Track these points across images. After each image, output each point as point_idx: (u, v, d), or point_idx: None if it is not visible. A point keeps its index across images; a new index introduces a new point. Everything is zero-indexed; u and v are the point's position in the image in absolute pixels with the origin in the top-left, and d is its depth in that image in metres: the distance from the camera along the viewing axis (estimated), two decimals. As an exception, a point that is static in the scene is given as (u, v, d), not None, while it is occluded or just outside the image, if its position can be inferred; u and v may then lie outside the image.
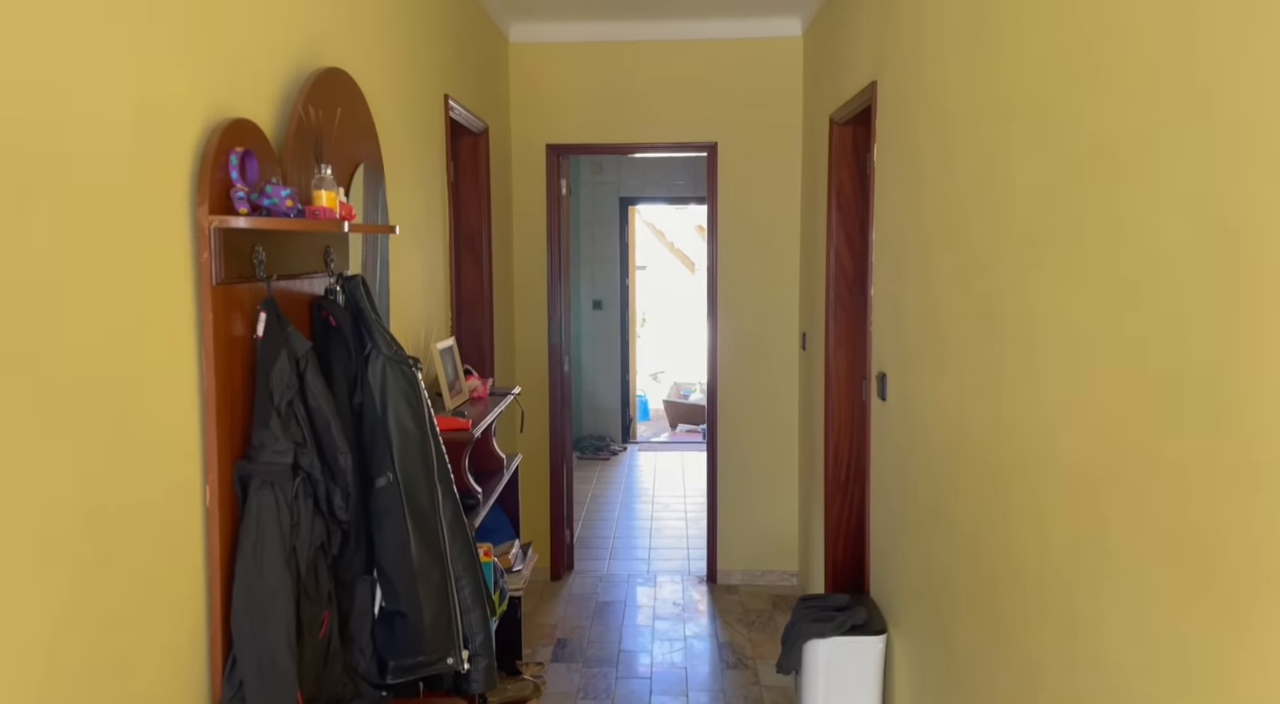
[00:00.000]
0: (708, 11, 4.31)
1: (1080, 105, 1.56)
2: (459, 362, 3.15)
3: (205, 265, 1.59)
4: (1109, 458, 1.45)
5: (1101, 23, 1.48)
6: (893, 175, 2.89)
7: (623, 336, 8.17)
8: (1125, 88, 1.40)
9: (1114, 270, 1.43)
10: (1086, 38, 1.54)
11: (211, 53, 1.66)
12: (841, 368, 3.79)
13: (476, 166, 4.03)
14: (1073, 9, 1.59)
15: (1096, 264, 1.49)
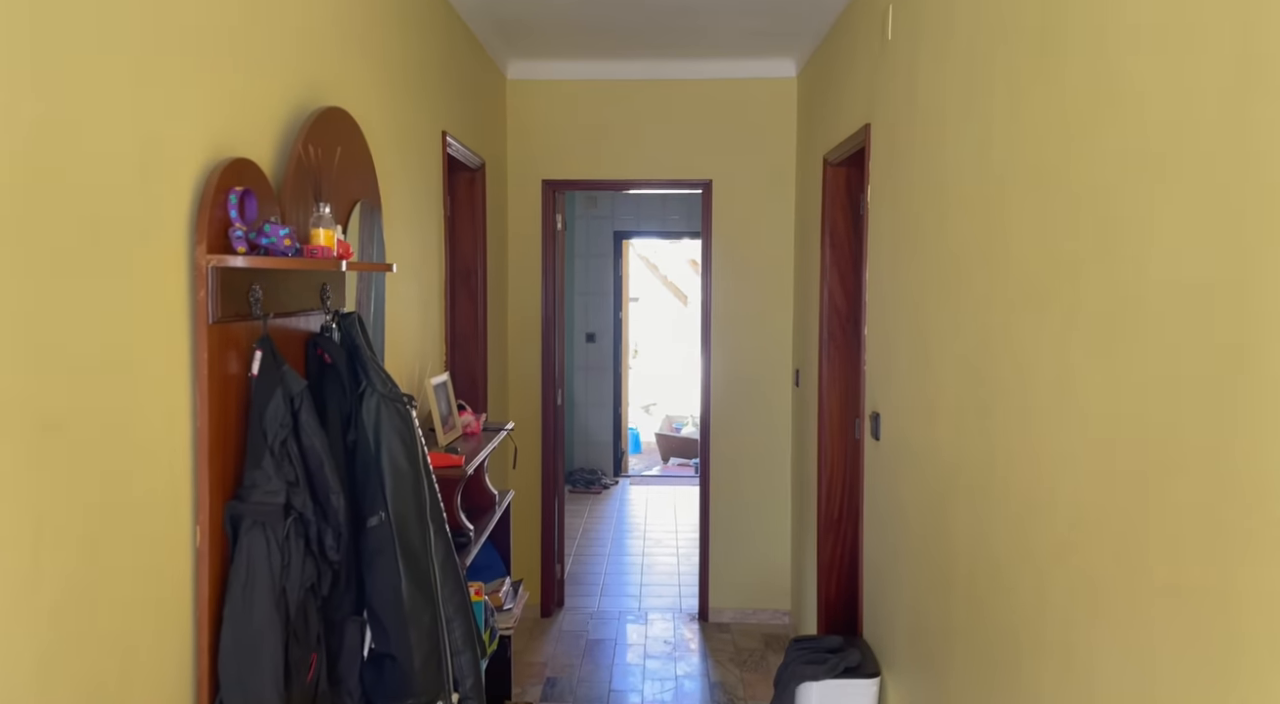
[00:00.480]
0: (703, 52, 4.36)
1: (1076, 155, 1.57)
2: (453, 397, 3.14)
3: (202, 304, 1.58)
4: (1106, 503, 1.45)
5: (1096, 77, 1.51)
6: (886, 217, 2.91)
7: (615, 369, 8.17)
8: (1122, 137, 1.42)
9: (1110, 318, 1.44)
10: (1082, 90, 1.56)
11: (214, 94, 1.67)
12: (835, 406, 3.80)
13: (473, 202, 4.04)
14: (1068, 62, 1.62)
15: (1093, 311, 1.49)
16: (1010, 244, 1.86)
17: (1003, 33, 1.92)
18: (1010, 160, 1.87)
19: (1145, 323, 1.33)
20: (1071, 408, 1.57)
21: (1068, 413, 1.58)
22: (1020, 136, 1.82)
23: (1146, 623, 1.32)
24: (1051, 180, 1.67)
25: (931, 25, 2.44)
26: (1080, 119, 1.55)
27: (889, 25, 2.87)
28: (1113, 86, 1.44)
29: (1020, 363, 1.80)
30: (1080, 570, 1.53)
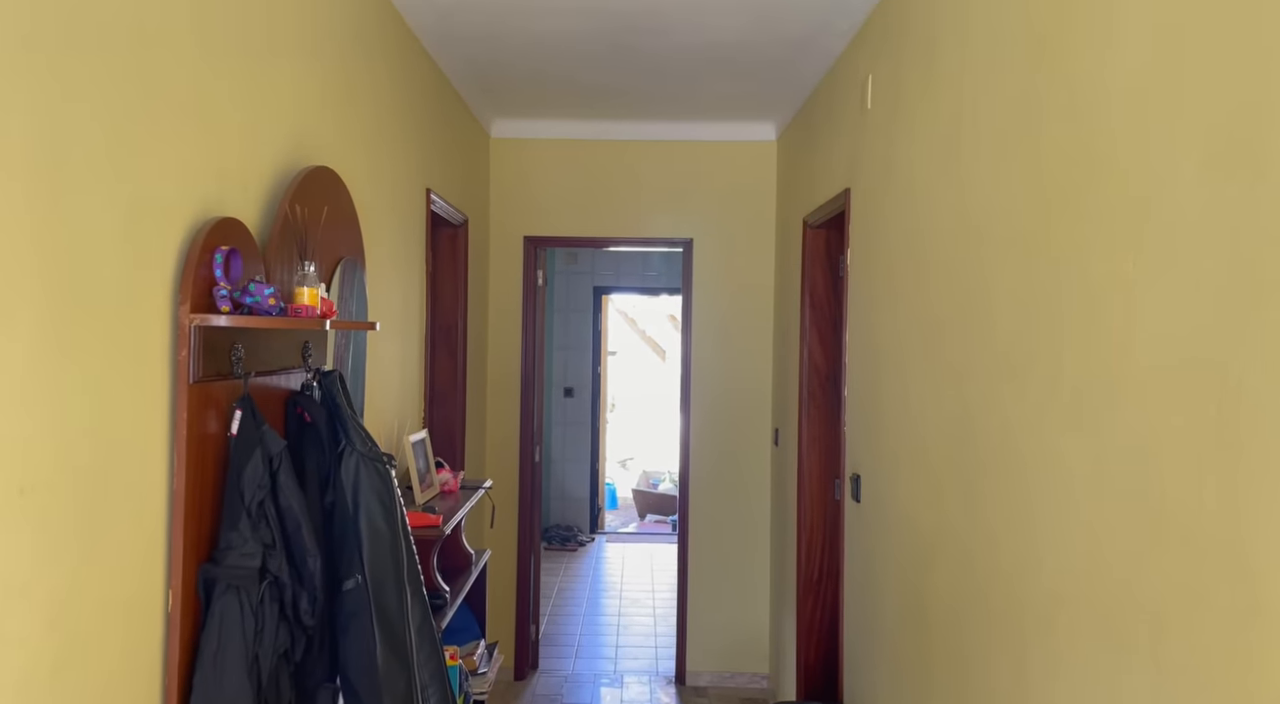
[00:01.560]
0: (684, 115, 4.45)
1: (1055, 226, 1.61)
2: (431, 454, 3.11)
3: (183, 363, 1.57)
4: (1090, 580, 1.45)
5: (1073, 149, 1.55)
6: (866, 281, 2.95)
7: (593, 424, 8.14)
8: (1100, 207, 1.45)
9: (1091, 393, 1.46)
10: (1059, 162, 1.60)
11: (203, 155, 1.67)
12: (815, 466, 3.79)
13: (455, 258, 4.06)
14: (1046, 132, 1.66)
15: (1074, 385, 1.51)
16: (989, 312, 1.89)
17: (981, 105, 1.98)
18: (988, 229, 1.91)
19: (1127, 396, 1.35)
20: (1055, 480, 1.58)
21: (1051, 485, 1.59)
22: (999, 205, 1.86)
23: (1132, 697, 1.32)
24: (1030, 249, 1.70)
25: (911, 94, 2.51)
26: (1059, 190, 1.59)
27: (868, 94, 2.94)
28: (1090, 158, 1.48)
29: (1003, 432, 1.81)
30: (1064, 643, 1.52)
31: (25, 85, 1.19)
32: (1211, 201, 1.16)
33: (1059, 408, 1.56)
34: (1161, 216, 1.27)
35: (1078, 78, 1.53)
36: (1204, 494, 1.16)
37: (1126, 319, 1.36)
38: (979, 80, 1.99)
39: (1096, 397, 1.44)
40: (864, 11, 2.95)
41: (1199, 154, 1.19)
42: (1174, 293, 1.24)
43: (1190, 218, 1.20)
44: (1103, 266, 1.43)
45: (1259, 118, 1.07)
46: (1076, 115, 1.53)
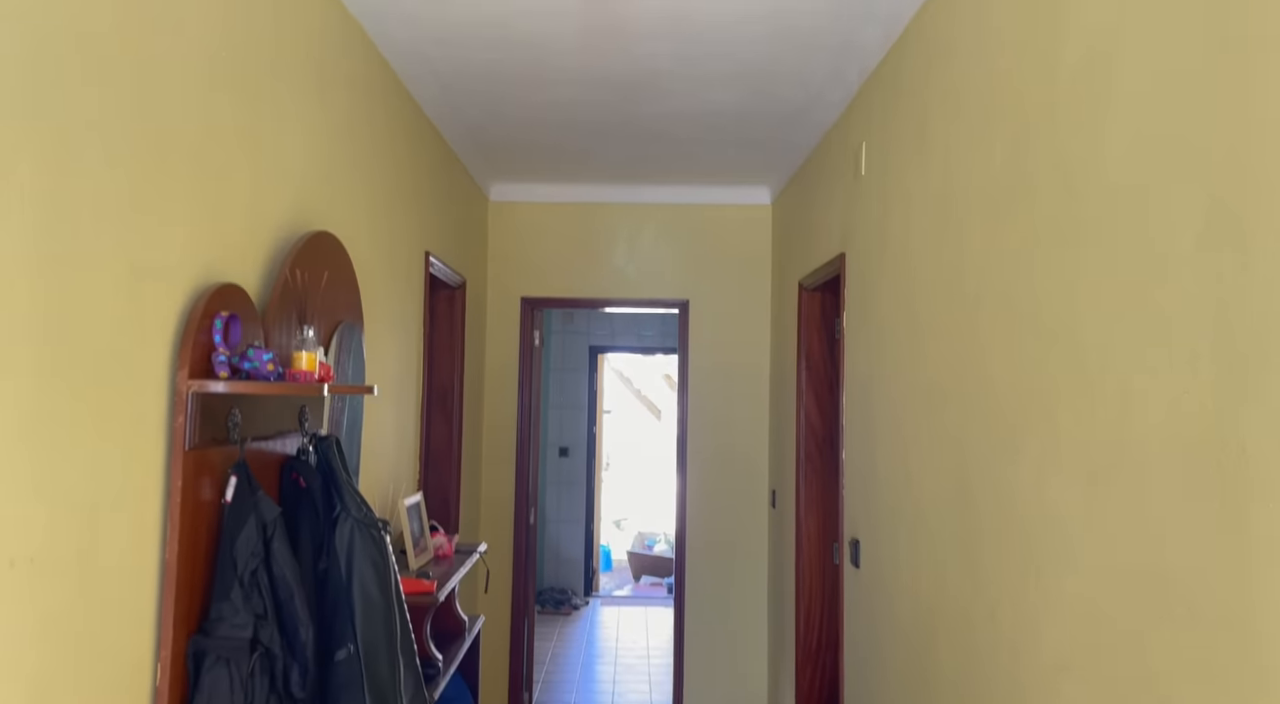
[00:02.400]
0: (679, 179, 4.51)
1: (1046, 294, 1.62)
2: (425, 517, 3.08)
3: (180, 430, 1.56)
4: (1095, 650, 1.42)
5: (1063, 221, 1.57)
6: (862, 344, 2.96)
7: (588, 484, 8.08)
8: (1093, 279, 1.47)
9: (1090, 461, 1.45)
10: (1050, 233, 1.62)
11: (205, 222, 1.69)
12: (813, 529, 3.76)
13: (452, 319, 4.07)
14: (1037, 204, 1.68)
15: (1074, 453, 1.51)
16: (985, 378, 1.90)
17: (973, 176, 2.01)
18: (982, 296, 1.93)
19: (1126, 465, 1.35)
20: (1056, 549, 1.56)
21: (1053, 554, 1.58)
22: (992, 274, 1.88)
23: (1144, 776, 1.29)
24: (1024, 317, 1.72)
25: (903, 163, 2.55)
26: (1051, 261, 1.61)
27: (862, 161, 2.99)
28: (1082, 231, 1.50)
29: (1002, 499, 1.80)
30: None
31: (31, 151, 1.21)
32: (1206, 274, 1.17)
33: (1059, 475, 1.56)
34: (1156, 289, 1.28)
35: (1068, 152, 1.56)
36: (1211, 566, 1.15)
37: (1123, 386, 1.36)
38: (969, 153, 2.03)
39: (1096, 465, 1.43)
40: (857, 83, 3.02)
41: (1194, 229, 1.21)
42: (1171, 362, 1.24)
43: (1186, 290, 1.22)
44: (1097, 336, 1.44)
45: (1251, 194, 1.09)
46: (1068, 188, 1.56)
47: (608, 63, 2.96)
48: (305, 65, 2.18)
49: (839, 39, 2.74)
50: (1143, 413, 1.31)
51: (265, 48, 1.95)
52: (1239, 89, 1.12)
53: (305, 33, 2.17)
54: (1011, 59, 1.82)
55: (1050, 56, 1.64)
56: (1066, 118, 1.57)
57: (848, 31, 2.68)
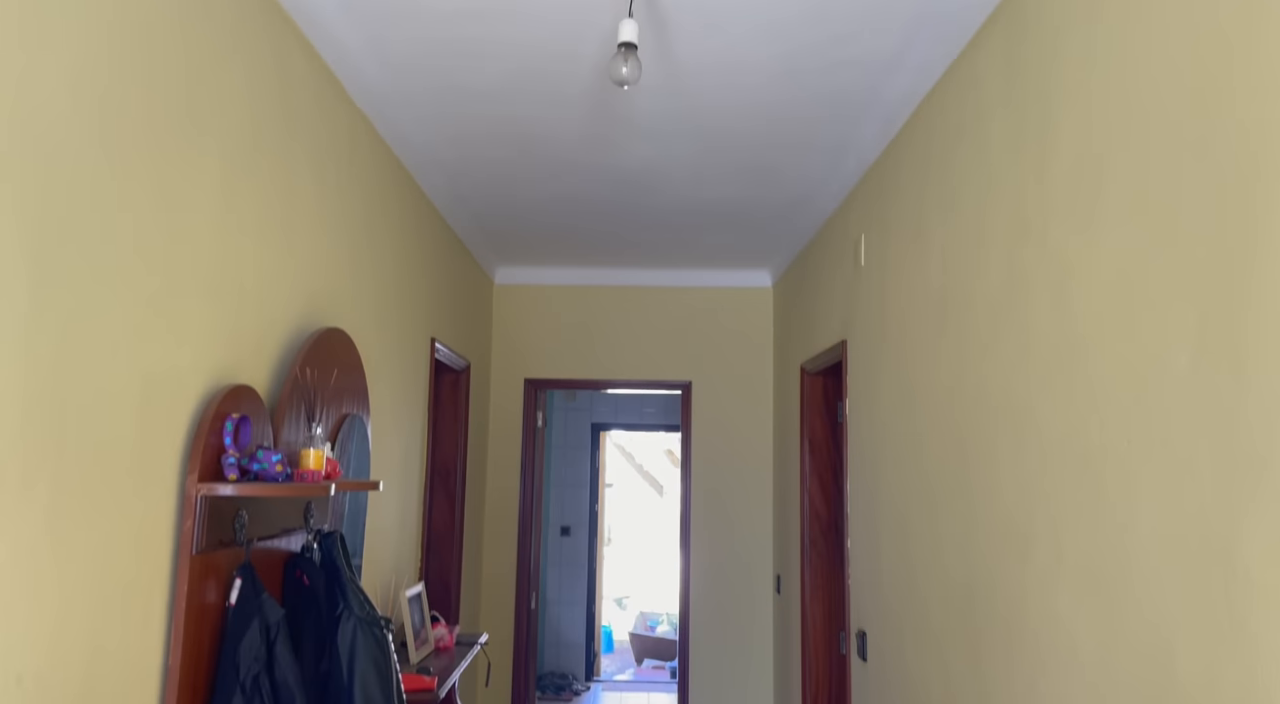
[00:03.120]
0: (681, 262, 4.59)
1: (1047, 401, 1.64)
2: (426, 609, 3.05)
3: (188, 534, 1.56)
4: (1108, 763, 1.40)
5: (1060, 324, 1.60)
6: (865, 431, 2.97)
7: (590, 564, 7.97)
8: (1091, 387, 1.49)
9: (1096, 564, 1.45)
10: (1047, 336, 1.65)
11: (221, 323, 1.73)
12: (819, 617, 3.71)
13: (456, 403, 4.09)
14: (1031, 309, 1.72)
15: (1078, 556, 1.51)
16: (989, 478, 1.90)
17: (972, 277, 2.05)
18: (983, 398, 1.95)
19: (1133, 570, 1.35)
20: (1062, 652, 1.55)
21: (1058, 656, 1.57)
22: (992, 375, 1.90)
23: None
24: (1025, 419, 1.73)
25: (903, 257, 2.60)
26: (1049, 364, 1.64)
27: (861, 252, 3.05)
28: (1079, 335, 1.53)
29: (1007, 600, 1.79)
30: None
31: (56, 265, 1.25)
32: (1202, 392, 1.20)
33: (1065, 578, 1.55)
34: (1154, 403, 1.31)
35: (1062, 263, 1.60)
36: (1220, 678, 1.14)
37: (1125, 494, 1.37)
38: (966, 256, 2.07)
39: (1102, 569, 1.43)
40: (855, 176, 3.10)
41: (1188, 347, 1.23)
42: (1170, 473, 1.26)
43: (1183, 405, 1.24)
44: (1097, 441, 1.46)
45: (1243, 316, 1.12)
46: (1062, 298, 1.59)
47: (611, 158, 3.05)
48: (318, 163, 2.25)
49: (836, 140, 2.83)
50: (1146, 523, 1.32)
51: (279, 146, 2.01)
52: (1226, 210, 1.16)
53: (317, 130, 2.24)
54: (1005, 166, 1.88)
55: (1041, 164, 1.70)
56: (1059, 228, 1.62)
57: (844, 132, 2.77)
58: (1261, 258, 1.09)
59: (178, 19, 1.56)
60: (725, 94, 2.53)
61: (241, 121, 1.81)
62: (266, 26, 1.92)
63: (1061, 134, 1.62)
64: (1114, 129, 1.44)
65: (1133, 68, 1.39)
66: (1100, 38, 1.50)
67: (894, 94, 2.48)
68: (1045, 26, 1.70)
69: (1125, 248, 1.40)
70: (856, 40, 2.22)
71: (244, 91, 1.82)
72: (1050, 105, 1.67)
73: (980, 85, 2.02)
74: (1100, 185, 1.48)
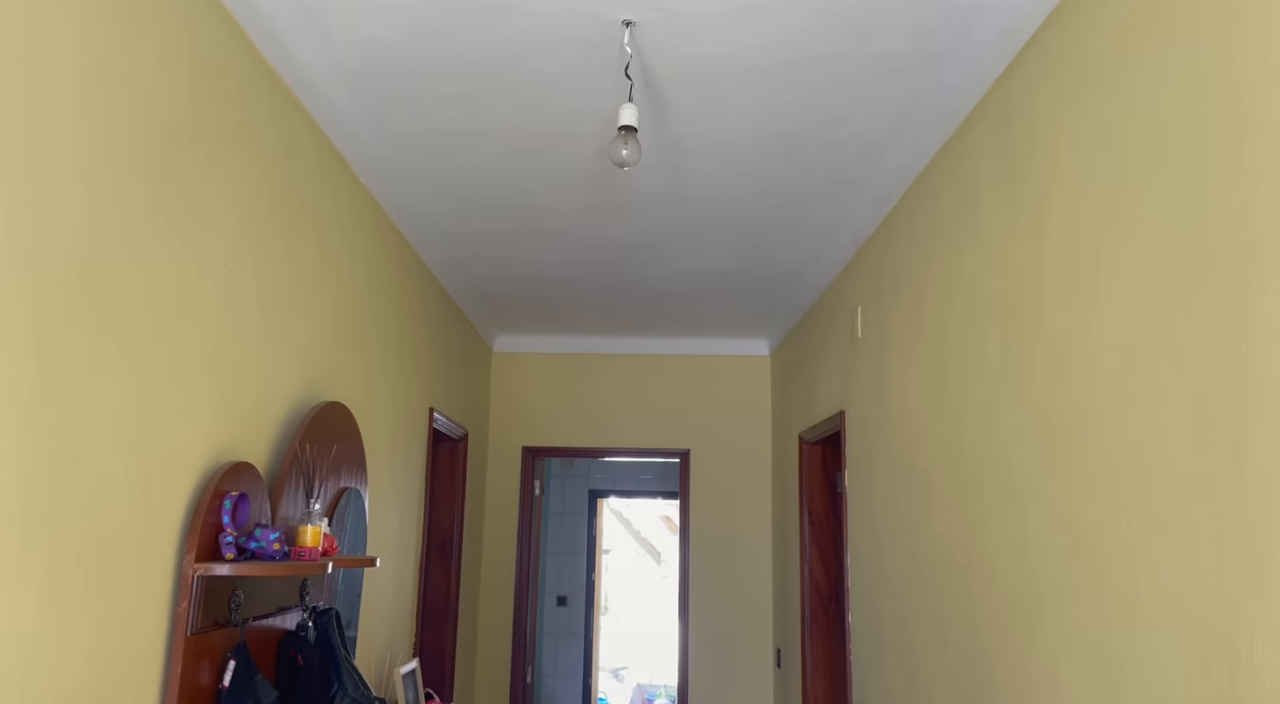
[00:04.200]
0: (679, 331, 4.62)
1: (1047, 479, 1.65)
2: (420, 686, 2.99)
3: (183, 615, 1.55)
4: None
5: (1058, 403, 1.61)
6: (865, 503, 2.96)
7: (586, 635, 7.83)
8: (1091, 466, 1.50)
9: (1101, 648, 1.44)
10: (1045, 415, 1.66)
11: (221, 403, 1.73)
12: (820, 695, 3.64)
13: (454, 471, 4.07)
14: (1030, 388, 1.73)
15: (1083, 640, 1.50)
16: (988, 556, 1.89)
17: (969, 354, 2.07)
18: (983, 473, 1.95)
19: (1139, 653, 1.34)
20: (1072, 737, 1.53)
21: (1069, 742, 1.54)
22: (991, 452, 1.91)
23: None
24: (1026, 498, 1.73)
25: (899, 333, 2.63)
26: (1048, 442, 1.64)
27: (858, 324, 3.08)
28: (1077, 415, 1.54)
29: (1012, 683, 1.76)
30: None
31: (57, 351, 1.26)
32: (1200, 473, 1.20)
33: (1069, 658, 1.54)
34: (1154, 484, 1.31)
35: (1060, 334, 1.62)
36: (1230, 776, 1.13)
37: (1128, 576, 1.37)
38: (963, 328, 2.09)
39: (1107, 650, 1.42)
40: (851, 249, 3.15)
41: (1184, 428, 1.24)
42: (1171, 555, 1.26)
43: (1182, 486, 1.24)
44: (1098, 519, 1.46)
45: (1239, 399, 1.14)
46: (1061, 373, 1.61)
47: (609, 230, 3.10)
48: (322, 238, 2.28)
49: (831, 215, 2.88)
50: (1150, 606, 1.31)
51: (284, 223, 2.04)
52: (1219, 291, 1.18)
53: (322, 205, 2.28)
54: (999, 242, 1.91)
55: (1035, 241, 1.73)
56: (1054, 303, 1.64)
57: (840, 207, 2.82)
58: (1257, 339, 1.11)
59: (188, 113, 1.60)
60: (721, 171, 2.58)
61: (248, 201, 1.84)
62: (274, 109, 1.97)
63: (1053, 212, 1.66)
64: (1106, 208, 1.47)
65: (1122, 149, 1.43)
66: (1089, 120, 1.54)
67: (889, 171, 2.53)
68: (1036, 108, 1.75)
69: (1121, 325, 1.42)
70: (851, 121, 2.27)
71: (252, 172, 1.86)
72: (1043, 183, 1.71)
73: (973, 162, 2.07)
74: (1095, 261, 1.50)
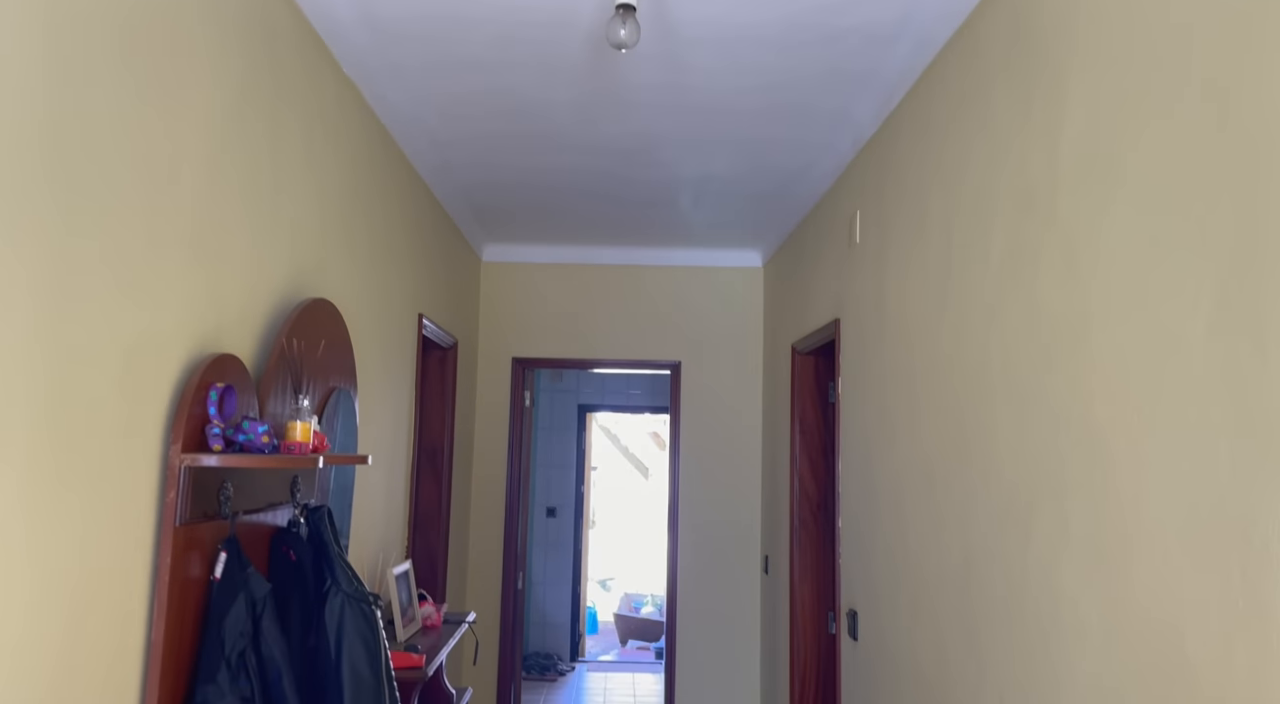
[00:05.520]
0: (671, 242, 4.54)
1: (1054, 374, 1.61)
2: (414, 587, 3.01)
3: (171, 505, 1.52)
4: (1112, 740, 1.39)
5: (1069, 296, 1.57)
6: (858, 410, 2.94)
7: (575, 545, 7.95)
8: (1103, 359, 1.46)
9: (1102, 543, 1.43)
10: (1055, 310, 1.62)
11: (205, 290, 1.67)
12: (808, 598, 3.70)
13: (444, 380, 4.04)
14: (1038, 282, 1.69)
15: (1084, 534, 1.49)
16: (990, 456, 1.88)
17: (973, 251, 2.02)
18: (985, 374, 1.92)
19: (1142, 549, 1.33)
20: (1067, 633, 1.53)
21: (1062, 637, 1.54)
22: (994, 350, 1.87)
23: None
24: (1029, 394, 1.70)
25: (899, 235, 2.57)
26: (1057, 337, 1.60)
27: (856, 230, 3.01)
28: (1089, 307, 1.50)
29: (1009, 579, 1.77)
30: (1089, 809, 1.45)
31: (32, 224, 1.19)
32: (1220, 359, 1.17)
33: (1069, 557, 1.53)
34: (1169, 371, 1.28)
35: (1075, 228, 1.57)
36: (1234, 660, 1.12)
37: (1135, 468, 1.35)
38: (969, 226, 2.04)
39: (1109, 545, 1.41)
40: (850, 153, 3.06)
41: (1205, 314, 1.20)
42: (1184, 446, 1.23)
43: (1200, 373, 1.21)
44: (1106, 413, 1.43)
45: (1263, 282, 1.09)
46: (1073, 268, 1.56)
47: (602, 130, 2.99)
48: (306, 128, 2.19)
49: (833, 114, 2.78)
50: (1158, 498, 1.29)
51: (267, 108, 1.95)
52: (1242, 170, 1.13)
53: (305, 95, 2.18)
54: (1010, 135, 1.84)
55: (1050, 133, 1.66)
56: (1069, 198, 1.58)
57: (842, 106, 2.73)
58: None
59: (160, -31, 1.49)
60: (720, 64, 2.48)
61: (226, 82, 1.74)
62: (252, -16, 1.85)
63: (1071, 98, 1.58)
64: (1129, 90, 1.40)
65: (1147, 26, 1.36)
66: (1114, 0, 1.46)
67: (894, 66, 2.43)
68: (1056, -8, 1.66)
69: (1142, 214, 1.36)
70: (857, 8, 2.17)
71: (233, 46, 1.75)
72: (1060, 68, 1.63)
73: (984, 53, 1.98)
74: (1115, 149, 1.44)
